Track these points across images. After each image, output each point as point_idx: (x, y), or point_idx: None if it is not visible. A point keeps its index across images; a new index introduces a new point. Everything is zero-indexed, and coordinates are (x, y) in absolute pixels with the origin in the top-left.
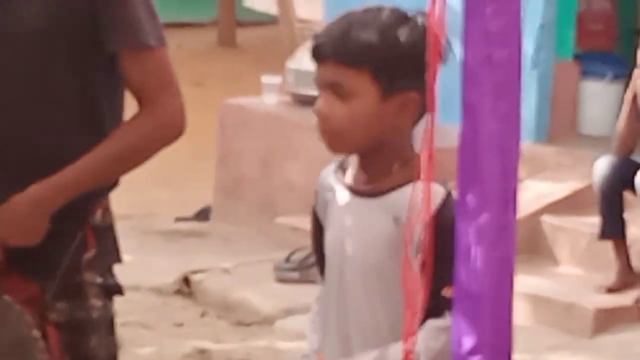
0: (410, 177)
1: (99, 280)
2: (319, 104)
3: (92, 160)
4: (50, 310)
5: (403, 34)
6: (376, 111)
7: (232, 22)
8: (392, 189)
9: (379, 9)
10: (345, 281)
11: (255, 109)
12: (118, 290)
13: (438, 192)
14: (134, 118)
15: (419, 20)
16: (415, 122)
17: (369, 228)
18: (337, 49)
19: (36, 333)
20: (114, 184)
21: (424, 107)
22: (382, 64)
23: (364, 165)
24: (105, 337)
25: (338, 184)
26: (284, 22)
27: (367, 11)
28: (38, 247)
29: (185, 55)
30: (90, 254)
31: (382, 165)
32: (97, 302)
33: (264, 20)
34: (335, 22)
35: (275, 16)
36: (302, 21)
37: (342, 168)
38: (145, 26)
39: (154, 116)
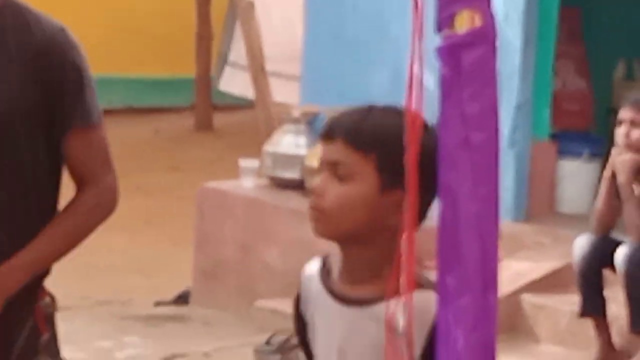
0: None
1: None
2: (316, 181)
3: (46, 240)
4: None
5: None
6: (371, 201)
7: (209, 107)
8: (382, 297)
9: (400, 111)
10: None
11: (233, 192)
12: None
13: (431, 301)
14: (81, 196)
15: (431, 130)
16: (390, 243)
17: (361, 340)
18: (349, 130)
19: None
20: (47, 271)
21: (421, 214)
22: (389, 155)
23: (350, 266)
24: None
25: (323, 289)
26: (260, 105)
27: (389, 108)
28: None
29: (162, 140)
30: (45, 337)
31: (370, 267)
32: None
33: (240, 104)
34: (355, 108)
35: (252, 100)
36: (278, 105)
37: (326, 268)
38: (93, 106)
39: (99, 193)
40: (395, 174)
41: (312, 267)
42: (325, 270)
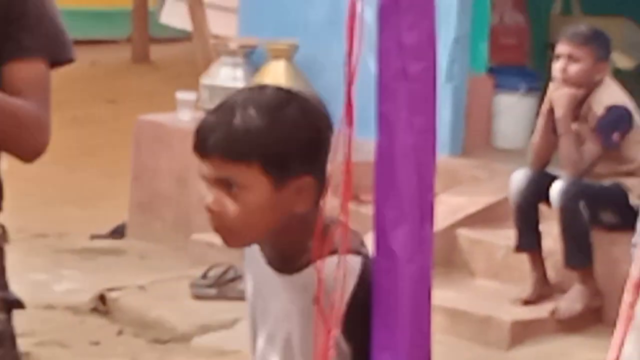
0: (328, 249)
1: (1, 294)
2: (209, 200)
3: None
4: None
5: (289, 118)
6: (270, 203)
7: (146, 39)
8: (309, 264)
9: (260, 92)
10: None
11: (170, 125)
12: (19, 304)
13: (355, 265)
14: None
15: (304, 98)
16: (314, 203)
17: (289, 305)
18: (221, 144)
19: None
20: None
21: (320, 188)
22: (270, 154)
23: (276, 245)
24: (11, 351)
25: (260, 253)
26: (198, 38)
27: (247, 98)
28: None
29: (99, 73)
30: None
31: (295, 244)
32: (1, 316)
33: (178, 37)
34: (216, 112)
35: (190, 32)
36: (216, 37)
37: None
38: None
39: (37, 114)
40: (283, 168)
41: None
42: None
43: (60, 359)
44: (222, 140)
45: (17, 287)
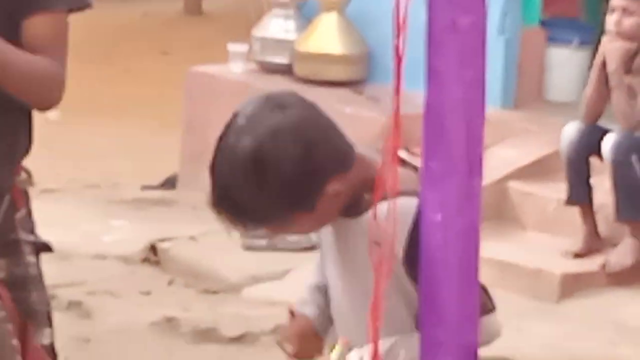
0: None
1: (31, 237)
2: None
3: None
4: None
5: (281, 173)
6: (312, 223)
7: None
8: (367, 209)
9: (236, 147)
10: (343, 280)
11: (222, 77)
12: (47, 248)
13: (411, 205)
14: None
15: (291, 108)
16: (356, 187)
17: (353, 248)
18: (236, 223)
19: None
20: (28, 148)
21: (352, 183)
22: (283, 206)
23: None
24: (43, 293)
25: None
26: None
27: (236, 140)
28: None
29: (151, 24)
30: (21, 213)
31: (352, 203)
32: (31, 259)
33: None
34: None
35: None
36: None
37: None
38: None
39: (53, 70)
40: (305, 199)
41: None
42: None
43: (111, 309)
44: (235, 220)
45: (68, 237)
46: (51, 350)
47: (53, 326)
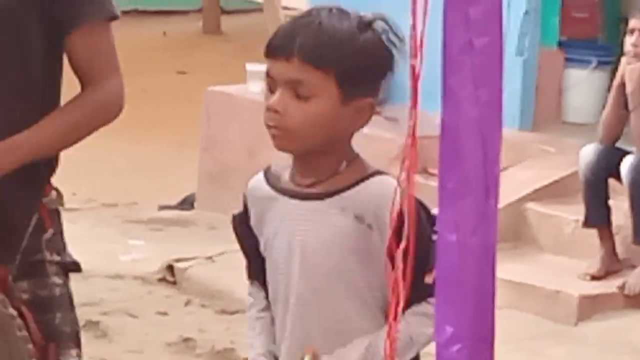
0: (360, 175)
1: (57, 258)
2: (274, 99)
3: (47, 127)
4: (15, 290)
5: (366, 41)
6: (335, 115)
7: (217, 10)
8: (347, 187)
9: (342, 13)
10: (302, 287)
11: (240, 96)
12: (76, 267)
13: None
14: (86, 94)
15: (379, 25)
16: (365, 125)
17: (328, 230)
18: (306, 47)
19: (12, 311)
20: (54, 167)
21: (374, 111)
22: (348, 69)
23: (307, 168)
24: (69, 313)
25: (276, 193)
26: (269, 9)
27: (331, 15)
28: None
29: (169, 43)
30: (48, 234)
31: (329, 166)
32: (57, 280)
33: (248, 8)
34: (300, 19)
35: (260, 3)
36: (286, 8)
37: (273, 175)
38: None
39: (105, 94)
40: (356, 84)
41: (256, 179)
42: (273, 177)
43: (128, 328)
44: (308, 44)
45: (85, 256)
46: None
47: (81, 346)
